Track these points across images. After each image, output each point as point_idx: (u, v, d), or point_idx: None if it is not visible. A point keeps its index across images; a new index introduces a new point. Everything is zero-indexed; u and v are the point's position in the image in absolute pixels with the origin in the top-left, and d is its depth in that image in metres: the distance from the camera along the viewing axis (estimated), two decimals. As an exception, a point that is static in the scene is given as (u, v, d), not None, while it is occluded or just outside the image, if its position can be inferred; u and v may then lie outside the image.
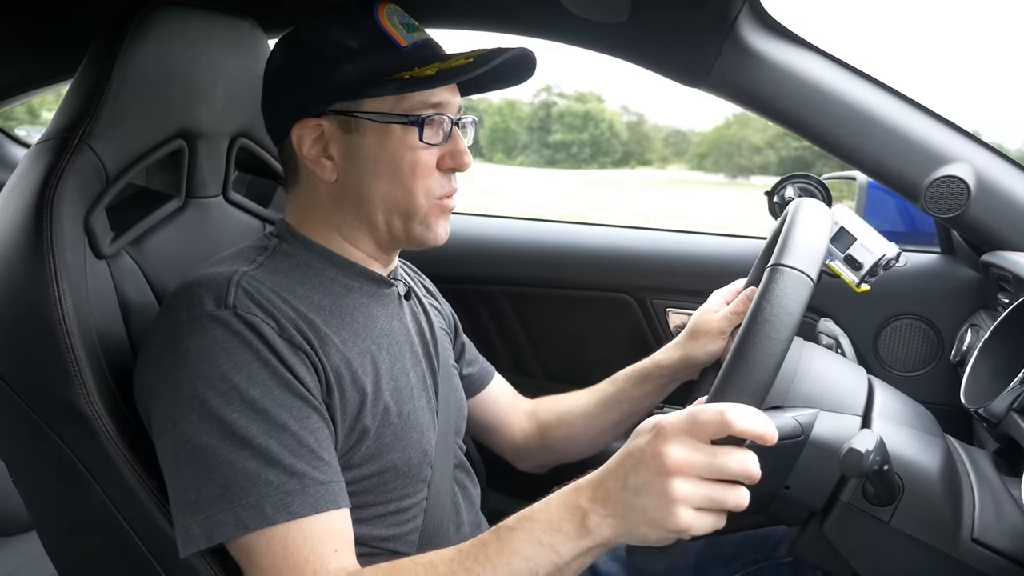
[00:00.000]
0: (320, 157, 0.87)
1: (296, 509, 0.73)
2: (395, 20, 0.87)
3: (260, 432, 0.74)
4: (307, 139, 0.87)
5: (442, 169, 0.88)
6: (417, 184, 0.86)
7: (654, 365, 1.12)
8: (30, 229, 0.81)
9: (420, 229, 0.88)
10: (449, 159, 0.88)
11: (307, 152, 0.87)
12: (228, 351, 0.76)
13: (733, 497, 0.66)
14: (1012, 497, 0.80)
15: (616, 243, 1.65)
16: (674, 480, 0.65)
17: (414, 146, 0.85)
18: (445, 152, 0.88)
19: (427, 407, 0.94)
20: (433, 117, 0.86)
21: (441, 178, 0.88)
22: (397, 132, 0.85)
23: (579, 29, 1.25)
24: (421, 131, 0.85)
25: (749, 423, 0.64)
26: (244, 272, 0.82)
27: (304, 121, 0.86)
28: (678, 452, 0.65)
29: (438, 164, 0.88)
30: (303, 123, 0.86)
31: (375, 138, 0.85)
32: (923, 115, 1.23)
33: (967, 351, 1.20)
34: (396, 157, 0.85)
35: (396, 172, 0.86)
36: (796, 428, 0.78)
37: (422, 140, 0.85)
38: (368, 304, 0.90)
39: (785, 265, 0.73)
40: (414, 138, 0.85)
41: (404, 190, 0.86)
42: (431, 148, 0.86)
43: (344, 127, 0.86)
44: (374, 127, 0.85)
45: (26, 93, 1.61)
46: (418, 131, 0.85)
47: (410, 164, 0.86)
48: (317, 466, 0.76)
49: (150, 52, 0.91)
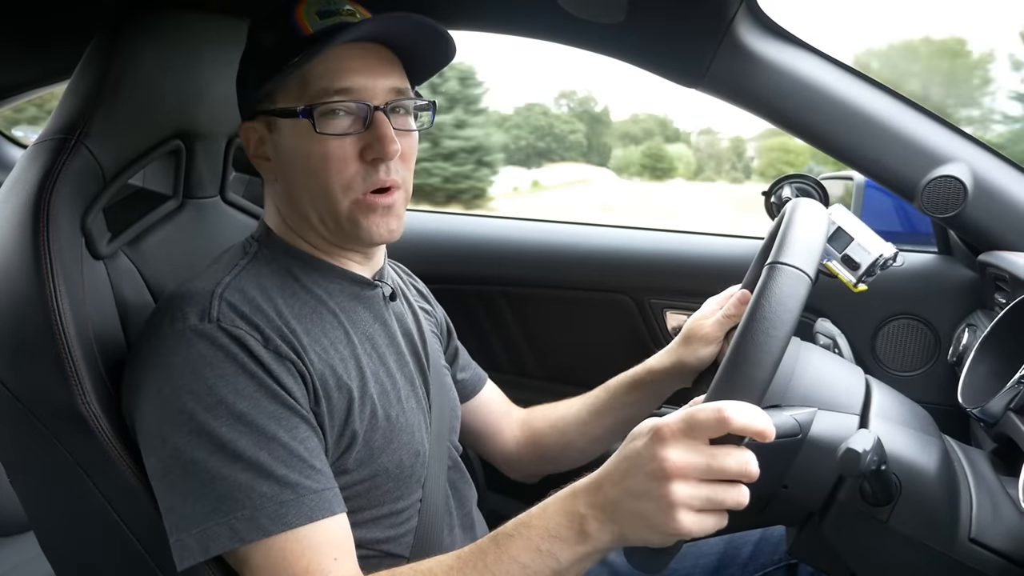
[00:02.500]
0: (261, 159, 0.88)
1: (291, 519, 0.73)
2: (311, 11, 0.83)
3: (251, 444, 0.74)
4: (251, 141, 0.88)
5: (366, 160, 0.82)
6: (332, 179, 0.82)
7: (647, 371, 1.11)
8: (27, 230, 0.81)
9: (349, 227, 0.84)
10: (369, 150, 0.82)
11: (253, 153, 0.88)
12: (214, 365, 0.76)
13: (733, 496, 0.66)
14: (1009, 497, 0.80)
15: (614, 244, 1.65)
16: (673, 483, 0.64)
17: (318, 138, 0.81)
18: (365, 142, 0.82)
19: (417, 408, 0.93)
20: (334, 106, 0.81)
21: (365, 170, 0.83)
22: (301, 126, 0.81)
23: (576, 30, 1.25)
24: (313, 121, 0.80)
25: (747, 420, 0.64)
26: (227, 283, 0.81)
27: (244, 124, 0.88)
28: (677, 455, 0.64)
29: (361, 155, 0.82)
30: (244, 126, 0.88)
31: (288, 135, 0.84)
32: (920, 115, 1.23)
33: (964, 351, 1.20)
34: (304, 152, 0.82)
35: (308, 168, 0.83)
36: (794, 427, 0.78)
37: (317, 131, 0.80)
38: (351, 307, 0.90)
39: (783, 263, 0.73)
40: (312, 130, 0.81)
41: (320, 187, 0.83)
42: (343, 139, 0.81)
43: (268, 126, 0.86)
44: (286, 124, 0.84)
45: (24, 93, 1.61)
46: (311, 122, 0.80)
47: (319, 158, 0.82)
48: (309, 475, 0.76)
49: (147, 53, 0.91)
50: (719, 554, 1.11)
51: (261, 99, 0.85)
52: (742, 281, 1.10)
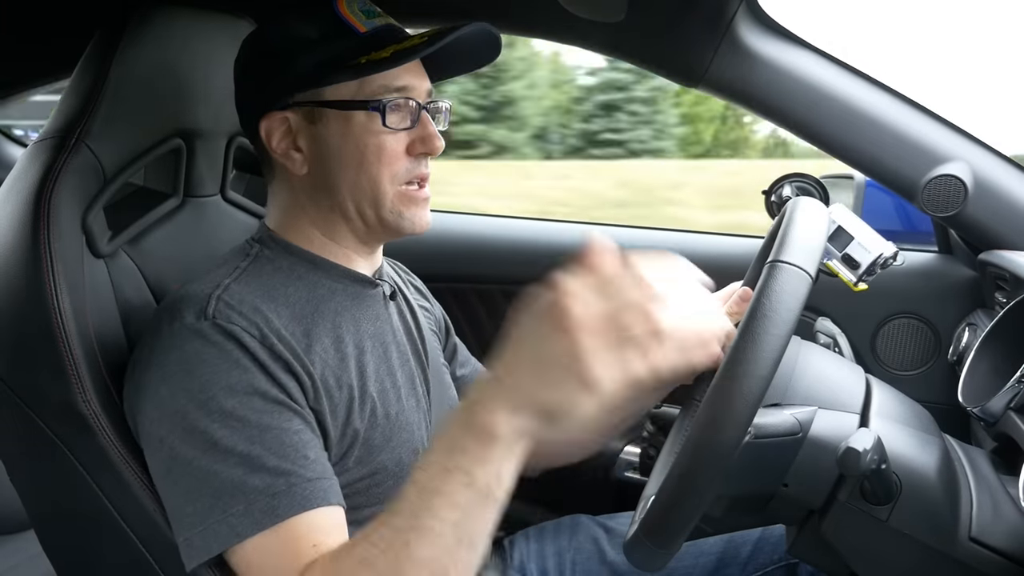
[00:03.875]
0: (290, 150, 0.87)
1: (283, 511, 0.73)
2: (355, 7, 0.87)
3: (243, 439, 0.74)
4: (275, 133, 0.87)
5: (412, 154, 0.87)
6: (383, 171, 0.85)
7: None
8: (27, 228, 0.81)
9: (392, 217, 0.87)
10: (419, 144, 0.87)
11: (276, 146, 0.87)
12: (207, 361, 0.76)
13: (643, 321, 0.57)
14: (1010, 496, 0.80)
15: (615, 243, 1.65)
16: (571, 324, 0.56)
17: (378, 131, 0.85)
18: (415, 137, 0.87)
19: (417, 406, 0.93)
20: (397, 101, 0.85)
21: (410, 163, 0.87)
22: (360, 119, 0.85)
23: (576, 28, 1.25)
24: (384, 116, 0.84)
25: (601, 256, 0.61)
26: (226, 285, 0.82)
27: (271, 115, 0.87)
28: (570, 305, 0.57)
29: (408, 150, 0.87)
30: (270, 117, 0.87)
31: (338, 127, 0.85)
32: (920, 114, 1.23)
33: (964, 350, 1.20)
34: (360, 144, 0.85)
35: (361, 160, 0.85)
36: (794, 425, 0.78)
37: (385, 125, 0.84)
38: (352, 307, 0.90)
39: (783, 261, 0.73)
40: (378, 124, 0.84)
41: (369, 178, 0.86)
42: (398, 133, 0.86)
43: (308, 118, 0.86)
44: (336, 115, 0.85)
45: (24, 92, 1.61)
46: (380, 116, 0.84)
47: (375, 151, 0.85)
48: (303, 464, 0.75)
49: (148, 51, 0.91)
50: (719, 553, 1.11)
51: (303, 89, 0.85)
52: (743, 280, 1.10)
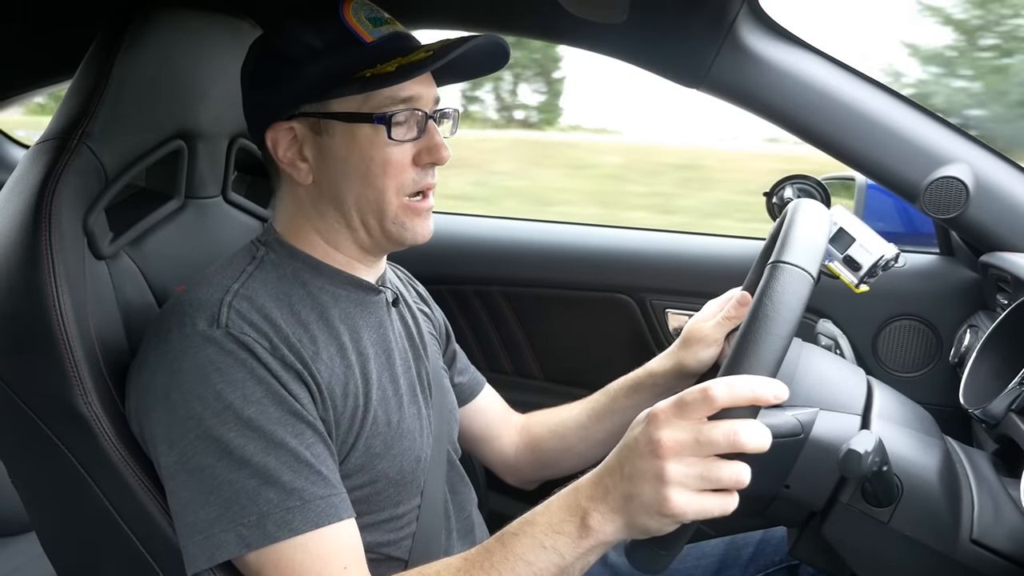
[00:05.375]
0: (296, 160, 0.86)
1: (298, 526, 0.73)
2: (361, 15, 0.84)
3: (258, 450, 0.74)
4: (282, 142, 0.86)
5: (419, 165, 0.86)
6: (388, 183, 0.84)
7: (647, 374, 1.10)
8: (29, 229, 0.81)
9: (395, 228, 0.87)
10: (426, 154, 0.86)
11: (283, 155, 0.86)
12: (222, 370, 0.75)
13: (728, 473, 0.65)
14: (1011, 498, 0.80)
15: (616, 244, 1.65)
16: (666, 462, 0.65)
17: (384, 144, 0.83)
18: (421, 147, 0.86)
19: (418, 413, 0.93)
20: (402, 113, 0.84)
21: (416, 173, 0.86)
22: (366, 131, 0.83)
23: (578, 30, 1.26)
24: (389, 129, 0.83)
25: (731, 393, 0.65)
26: (235, 291, 0.81)
27: (277, 124, 0.86)
28: (668, 434, 0.66)
29: (414, 160, 0.86)
30: (276, 126, 0.86)
31: (344, 139, 0.84)
32: (922, 116, 1.23)
33: (966, 352, 1.20)
34: (366, 157, 0.84)
35: (367, 172, 0.84)
36: (796, 426, 0.78)
37: (391, 138, 0.83)
38: (356, 313, 0.90)
39: (785, 262, 0.73)
40: (383, 136, 0.83)
41: (375, 190, 0.85)
42: (403, 144, 0.84)
43: (314, 129, 0.85)
44: (342, 127, 0.84)
45: (25, 93, 1.61)
46: (386, 129, 0.83)
47: (380, 164, 0.84)
48: (316, 481, 0.76)
49: (149, 52, 0.91)
50: (720, 555, 1.11)
51: (309, 100, 0.84)
52: (743, 283, 1.10)
